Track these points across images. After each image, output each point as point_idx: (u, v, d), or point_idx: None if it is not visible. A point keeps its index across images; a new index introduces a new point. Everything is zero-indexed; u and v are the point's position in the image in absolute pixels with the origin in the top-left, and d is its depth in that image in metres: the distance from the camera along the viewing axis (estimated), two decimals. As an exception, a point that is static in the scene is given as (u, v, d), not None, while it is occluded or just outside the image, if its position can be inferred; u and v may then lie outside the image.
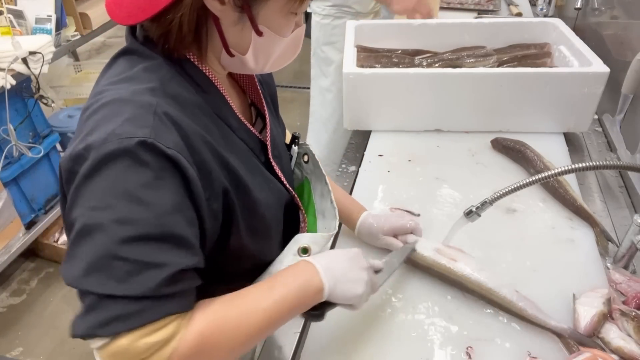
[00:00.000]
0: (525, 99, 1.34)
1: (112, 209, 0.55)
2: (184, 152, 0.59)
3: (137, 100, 0.60)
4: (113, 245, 0.55)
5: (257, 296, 0.67)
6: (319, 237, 0.80)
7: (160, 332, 0.57)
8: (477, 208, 0.89)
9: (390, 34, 1.66)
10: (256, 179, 0.74)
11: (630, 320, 0.82)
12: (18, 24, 2.19)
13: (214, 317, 0.63)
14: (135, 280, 0.55)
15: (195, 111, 0.66)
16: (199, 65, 0.69)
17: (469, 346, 0.84)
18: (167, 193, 0.58)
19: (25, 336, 2.13)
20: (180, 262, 0.58)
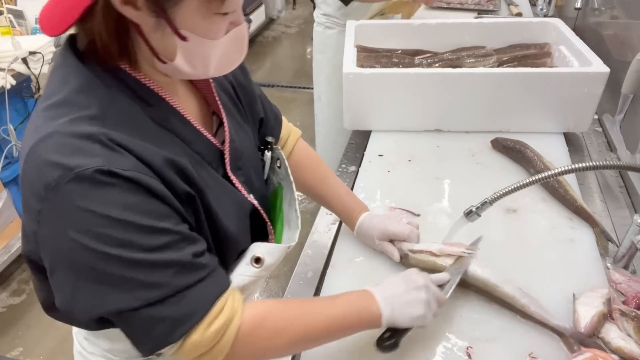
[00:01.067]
0: (525, 99, 1.34)
1: (103, 237, 0.56)
2: (142, 169, 0.59)
3: (76, 132, 0.57)
4: (125, 262, 0.57)
5: (320, 305, 0.74)
6: (274, 247, 0.79)
7: (220, 316, 0.63)
8: (477, 208, 0.89)
9: (390, 34, 1.66)
10: (213, 191, 0.71)
11: (630, 320, 0.82)
12: (18, 24, 2.19)
13: (279, 308, 0.70)
14: (170, 280, 0.59)
15: (143, 129, 0.63)
16: (135, 74, 0.65)
17: (469, 346, 0.84)
18: (144, 207, 0.58)
19: (25, 336, 2.13)
20: (188, 251, 0.61)
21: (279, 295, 2.21)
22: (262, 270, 0.78)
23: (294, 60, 4.69)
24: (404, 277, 0.80)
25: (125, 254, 0.57)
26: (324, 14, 2.00)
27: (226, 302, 0.64)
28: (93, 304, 0.59)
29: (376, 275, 0.99)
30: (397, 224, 0.98)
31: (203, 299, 0.62)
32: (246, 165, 0.81)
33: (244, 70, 0.88)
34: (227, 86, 0.83)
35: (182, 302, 0.60)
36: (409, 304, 0.76)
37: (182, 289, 0.60)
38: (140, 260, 0.58)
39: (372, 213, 1.04)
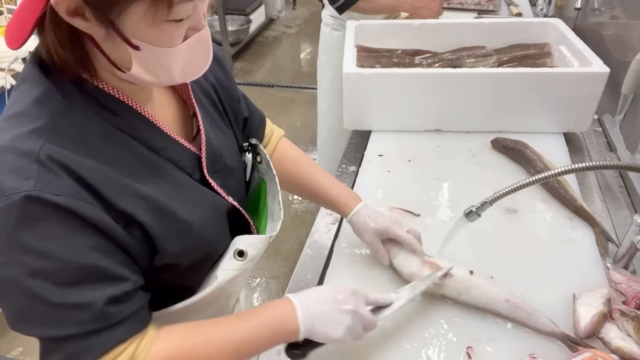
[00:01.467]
0: (525, 99, 1.34)
1: (20, 264, 0.55)
2: (78, 193, 0.57)
3: (18, 148, 0.56)
4: (34, 298, 0.56)
5: (230, 327, 0.69)
6: (255, 239, 0.78)
7: (119, 358, 0.60)
8: (477, 208, 0.89)
9: (390, 34, 1.66)
10: (186, 197, 0.70)
11: (630, 320, 0.82)
12: (18, 24, 2.18)
13: (182, 342, 0.66)
14: (71, 320, 0.57)
15: (94, 145, 0.61)
16: (99, 84, 0.63)
17: (469, 346, 0.84)
18: (69, 236, 0.56)
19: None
20: (105, 293, 0.59)
21: (279, 295, 2.21)
22: (246, 262, 0.77)
23: (294, 60, 4.69)
24: (334, 295, 0.74)
25: (36, 287, 0.55)
26: (331, 15, 1.99)
27: (128, 347, 0.61)
28: (12, 322, 0.59)
29: (376, 276, 0.99)
30: (399, 229, 0.94)
31: (102, 343, 0.60)
32: (224, 168, 0.80)
33: (225, 71, 0.87)
34: (208, 88, 0.82)
35: (82, 342, 0.59)
36: (330, 324, 0.72)
37: (85, 332, 0.58)
38: (50, 299, 0.56)
39: (370, 205, 0.99)
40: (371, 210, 0.97)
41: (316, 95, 2.21)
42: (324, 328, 0.71)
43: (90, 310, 0.58)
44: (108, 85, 0.64)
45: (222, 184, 0.78)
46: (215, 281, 0.75)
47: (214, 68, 0.82)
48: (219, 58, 0.85)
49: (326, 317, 0.72)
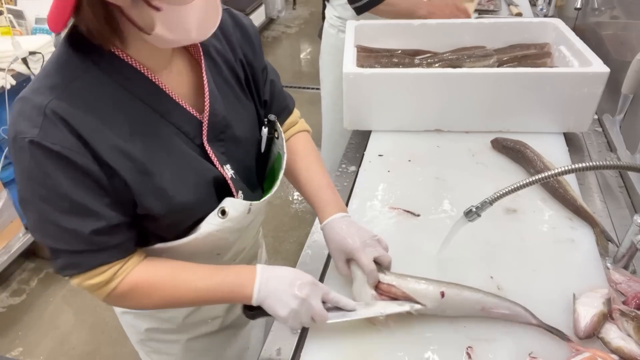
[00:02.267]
0: (525, 99, 1.34)
1: (29, 189, 0.71)
2: (73, 144, 0.69)
3: (33, 100, 0.70)
4: (39, 214, 0.72)
5: (197, 275, 0.83)
6: (237, 202, 0.87)
7: (99, 277, 0.77)
8: (477, 208, 0.89)
9: (390, 34, 1.66)
10: (173, 162, 0.79)
11: (630, 320, 0.82)
12: (18, 24, 2.19)
13: (152, 276, 0.81)
14: (64, 239, 0.73)
15: (97, 106, 0.72)
16: (124, 56, 0.74)
17: (469, 346, 0.84)
18: (63, 177, 0.70)
19: (25, 336, 2.13)
20: (91, 226, 0.73)
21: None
22: (226, 221, 0.85)
23: (294, 60, 4.69)
24: (294, 279, 0.82)
25: (41, 208, 0.72)
26: (339, 17, 1.98)
27: (110, 268, 0.77)
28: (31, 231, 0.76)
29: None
30: (363, 255, 0.88)
31: (88, 262, 0.76)
32: (232, 138, 0.88)
33: (254, 50, 0.93)
34: (235, 62, 0.90)
35: (72, 257, 0.75)
36: (280, 301, 0.80)
37: (74, 251, 0.74)
38: (50, 218, 0.72)
39: (350, 220, 0.95)
40: (347, 225, 0.93)
41: (316, 95, 2.21)
42: (273, 303, 0.81)
43: (77, 236, 0.73)
44: (130, 57, 0.75)
45: (224, 151, 0.87)
46: (198, 231, 0.85)
47: (244, 46, 0.92)
48: (251, 37, 0.93)
49: (278, 295, 0.81)
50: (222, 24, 0.88)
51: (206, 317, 1.07)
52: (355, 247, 0.89)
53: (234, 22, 0.91)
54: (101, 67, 0.73)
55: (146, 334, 1.07)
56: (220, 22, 0.85)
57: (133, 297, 0.81)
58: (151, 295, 0.81)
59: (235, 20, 0.92)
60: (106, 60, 0.74)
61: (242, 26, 0.92)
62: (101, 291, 0.79)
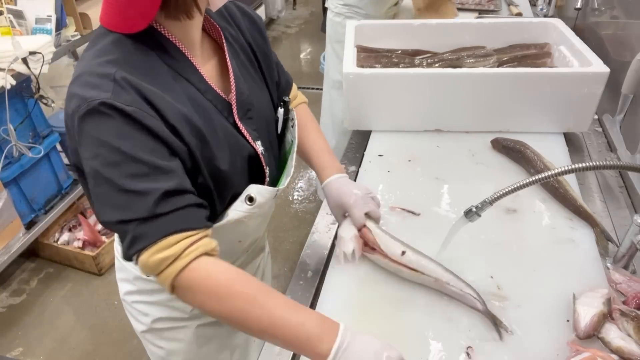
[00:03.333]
0: (525, 99, 1.34)
1: (99, 157, 0.70)
2: (143, 107, 0.71)
3: (99, 71, 0.72)
4: (110, 185, 0.70)
5: (276, 304, 0.72)
6: (264, 189, 0.90)
7: (168, 250, 0.71)
8: (477, 208, 0.89)
9: (390, 34, 1.66)
10: (217, 134, 0.83)
11: (630, 320, 0.82)
12: (18, 24, 2.19)
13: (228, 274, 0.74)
14: (134, 206, 0.70)
15: (156, 76, 0.76)
16: (168, 35, 0.80)
17: (469, 346, 0.84)
18: (135, 138, 0.70)
19: (25, 336, 2.13)
20: (163, 185, 0.71)
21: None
22: (253, 207, 0.88)
23: (294, 60, 4.69)
24: (383, 348, 0.70)
25: (110, 175, 0.70)
26: (344, 5, 2.02)
27: (181, 240, 0.72)
28: (96, 213, 0.75)
29: (376, 277, 0.99)
30: (356, 210, 0.99)
31: (158, 230, 0.71)
32: (258, 115, 0.93)
33: (263, 37, 1.00)
34: (245, 46, 0.96)
35: (141, 226, 0.71)
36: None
37: (144, 218, 0.70)
38: (121, 185, 0.70)
39: (345, 179, 1.04)
40: (344, 184, 1.03)
41: (316, 95, 2.22)
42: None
43: (148, 199, 0.70)
44: (173, 37, 0.80)
45: (256, 128, 0.92)
46: (226, 218, 0.87)
47: (252, 30, 0.98)
48: (259, 25, 1.01)
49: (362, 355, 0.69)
50: (231, 12, 0.96)
51: None
52: (350, 203, 0.99)
53: (241, 12, 0.98)
54: (150, 45, 0.78)
55: (156, 323, 1.06)
56: (229, 10, 0.95)
57: (201, 291, 0.72)
58: (223, 299, 0.72)
59: (242, 10, 0.99)
60: (153, 39, 0.78)
61: (249, 15, 0.99)
62: (169, 271, 0.71)
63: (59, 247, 2.40)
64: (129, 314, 1.11)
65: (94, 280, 2.39)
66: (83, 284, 2.38)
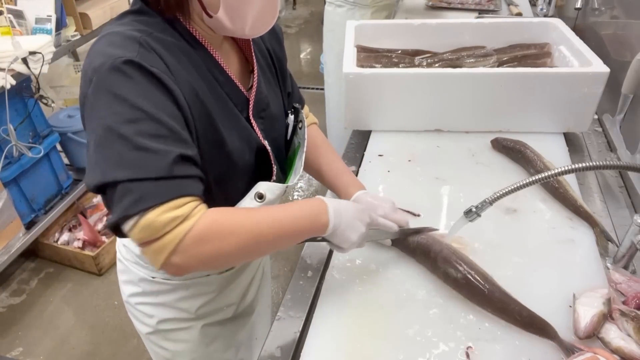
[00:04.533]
0: (525, 99, 1.34)
1: (117, 114, 0.68)
2: (167, 73, 0.72)
3: (125, 33, 0.73)
4: (124, 142, 0.68)
5: (271, 210, 0.82)
6: (273, 186, 0.90)
7: (179, 209, 0.70)
8: (477, 208, 0.89)
9: (390, 34, 1.66)
10: (229, 123, 0.84)
11: (630, 320, 0.82)
12: (18, 24, 2.19)
13: (230, 213, 0.77)
14: (148, 165, 0.68)
15: (179, 54, 0.77)
16: (187, 25, 0.81)
17: (468, 346, 0.84)
18: (157, 99, 0.71)
19: (25, 336, 2.13)
20: (179, 149, 0.71)
21: (279, 295, 2.21)
22: (264, 204, 0.89)
23: (294, 60, 4.69)
24: (357, 206, 0.89)
25: (128, 133, 0.68)
26: None
27: (189, 202, 0.72)
28: (95, 175, 0.70)
29: (376, 276, 0.99)
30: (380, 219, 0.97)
31: (170, 190, 0.70)
32: (270, 117, 0.95)
33: (280, 44, 1.03)
34: (265, 52, 0.98)
35: (153, 184, 0.69)
36: (351, 228, 0.86)
37: (158, 177, 0.69)
38: (137, 142, 0.68)
39: (370, 193, 1.06)
40: (369, 198, 1.03)
41: (316, 95, 2.23)
42: (346, 230, 0.85)
43: (164, 158, 0.69)
44: (194, 27, 0.81)
45: (264, 128, 0.93)
46: None
47: (271, 39, 1.00)
48: (278, 35, 1.03)
49: (351, 222, 0.86)
50: None
51: (222, 304, 1.09)
52: (376, 218, 0.96)
53: None
54: (172, 31, 0.79)
55: (162, 324, 1.06)
56: None
57: (213, 238, 0.73)
58: (232, 234, 0.74)
59: None
60: (177, 26, 0.80)
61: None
62: (179, 230, 0.70)
63: (59, 247, 2.40)
64: (133, 316, 1.11)
65: (94, 280, 2.39)
66: (83, 284, 2.38)
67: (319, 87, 3.66)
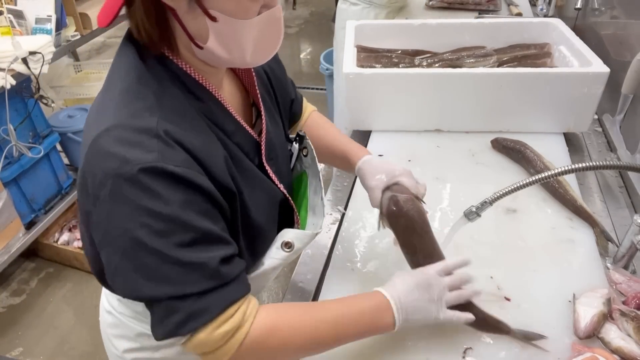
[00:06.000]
0: (525, 99, 1.34)
1: (145, 226, 0.61)
2: (193, 166, 0.63)
3: (136, 125, 0.62)
4: (157, 256, 0.61)
5: (333, 311, 0.74)
6: (301, 234, 0.82)
7: (230, 321, 0.65)
8: (477, 208, 0.89)
9: (390, 34, 1.66)
10: (248, 182, 0.75)
11: (630, 321, 0.82)
12: (18, 24, 2.19)
13: (286, 315, 0.71)
14: (188, 279, 0.63)
15: (193, 121, 0.68)
16: (183, 66, 0.69)
17: (468, 347, 0.84)
18: (186, 200, 0.62)
19: (25, 336, 2.13)
20: (218, 254, 0.64)
21: (279, 296, 2.21)
22: (292, 254, 0.82)
23: (294, 60, 4.69)
24: (420, 281, 0.78)
25: (161, 247, 0.61)
26: None
27: (239, 308, 0.67)
28: (126, 287, 0.64)
29: (376, 276, 0.99)
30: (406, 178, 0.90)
31: (218, 302, 0.65)
32: (277, 155, 0.85)
33: (276, 59, 0.93)
34: (263, 75, 0.88)
35: (199, 301, 0.64)
36: (421, 313, 0.77)
37: (201, 292, 0.64)
38: (173, 256, 0.62)
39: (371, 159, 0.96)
40: (382, 160, 0.96)
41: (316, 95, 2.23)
42: (415, 316, 0.76)
43: (206, 269, 0.63)
44: (189, 66, 0.69)
45: (275, 170, 0.84)
46: (262, 267, 0.82)
47: (271, 60, 0.87)
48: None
49: (418, 307, 0.76)
50: None
51: None
52: (399, 175, 0.90)
53: None
54: (171, 81, 0.68)
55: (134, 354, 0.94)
56: None
57: (269, 346, 0.69)
58: (290, 343, 0.70)
59: None
60: (171, 72, 0.69)
61: None
62: (233, 342, 0.66)
63: (59, 247, 2.40)
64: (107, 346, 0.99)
65: (94, 280, 2.36)
66: (83, 284, 2.38)
67: (319, 87, 3.66)
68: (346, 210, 1.19)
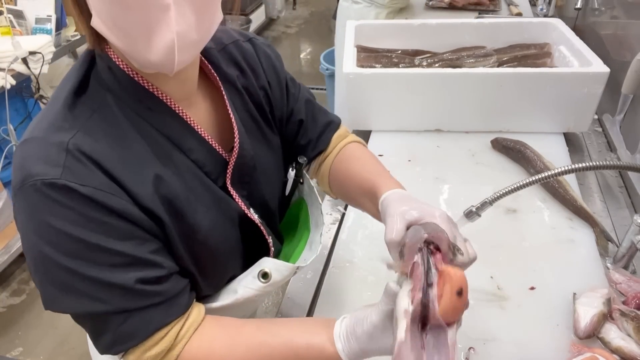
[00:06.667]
0: (525, 99, 1.34)
1: (53, 244, 0.57)
2: (104, 185, 0.58)
3: (50, 140, 0.58)
4: (68, 273, 0.58)
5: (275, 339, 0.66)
6: (281, 265, 0.76)
7: (158, 345, 0.63)
8: (477, 208, 0.89)
9: (390, 34, 1.66)
10: (201, 201, 0.69)
11: (630, 320, 0.82)
12: (18, 24, 2.19)
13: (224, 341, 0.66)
14: (104, 297, 0.59)
15: (129, 139, 0.63)
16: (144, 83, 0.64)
17: (470, 347, 0.84)
18: (96, 222, 0.58)
19: (25, 336, 2.13)
20: (134, 276, 0.60)
21: (279, 296, 2.21)
22: (268, 285, 0.75)
23: (294, 60, 4.69)
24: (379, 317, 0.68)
25: (72, 265, 0.57)
26: None
27: (170, 330, 0.64)
28: (49, 300, 0.61)
29: (376, 276, 0.99)
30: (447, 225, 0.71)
31: (144, 326, 0.62)
32: (255, 181, 0.78)
33: (277, 72, 0.83)
34: (258, 94, 0.79)
35: (125, 323, 0.61)
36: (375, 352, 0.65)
37: (125, 310, 0.60)
38: (86, 274, 0.58)
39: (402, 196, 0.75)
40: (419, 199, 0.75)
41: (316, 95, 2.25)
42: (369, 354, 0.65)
43: (123, 289, 0.59)
44: (135, 72, 0.63)
45: (247, 195, 0.77)
46: (234, 295, 0.76)
47: (270, 72, 0.81)
48: (273, 61, 0.83)
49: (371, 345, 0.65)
50: (245, 54, 0.79)
51: None
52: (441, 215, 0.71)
53: (257, 52, 0.81)
54: (119, 92, 0.64)
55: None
56: (244, 52, 0.76)
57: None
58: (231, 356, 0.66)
59: (259, 50, 0.82)
60: (125, 87, 0.64)
61: (265, 53, 0.82)
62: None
63: (59, 247, 2.40)
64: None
65: (94, 280, 2.39)
66: (83, 284, 2.38)
67: (319, 87, 3.66)
68: (346, 210, 1.19)
